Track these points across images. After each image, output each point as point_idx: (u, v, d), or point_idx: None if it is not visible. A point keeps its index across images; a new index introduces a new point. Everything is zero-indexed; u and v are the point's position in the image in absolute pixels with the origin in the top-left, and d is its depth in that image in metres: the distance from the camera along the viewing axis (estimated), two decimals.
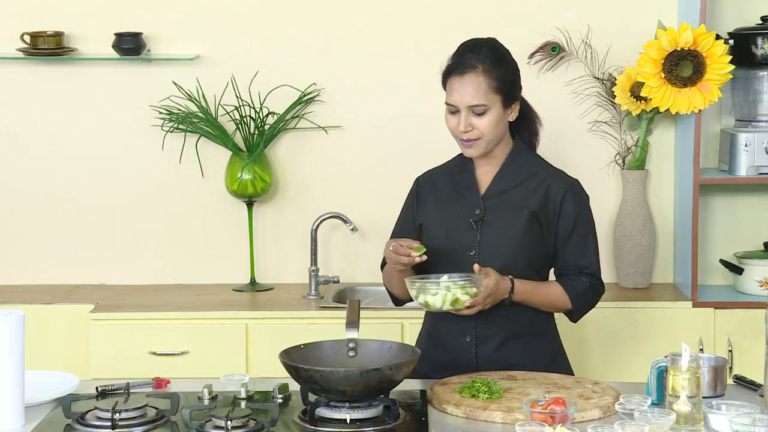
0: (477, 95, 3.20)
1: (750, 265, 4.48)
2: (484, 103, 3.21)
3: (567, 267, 3.31)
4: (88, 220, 4.70)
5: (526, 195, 3.28)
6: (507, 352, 3.25)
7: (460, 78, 3.21)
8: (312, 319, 4.27)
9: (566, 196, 3.28)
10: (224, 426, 2.70)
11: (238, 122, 4.60)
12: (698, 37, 4.29)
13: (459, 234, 3.27)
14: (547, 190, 3.28)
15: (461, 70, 3.22)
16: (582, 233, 3.30)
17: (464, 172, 3.35)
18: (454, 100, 3.22)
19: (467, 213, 3.28)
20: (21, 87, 4.66)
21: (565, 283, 3.29)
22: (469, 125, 3.22)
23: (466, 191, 3.32)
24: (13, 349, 2.75)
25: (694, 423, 2.70)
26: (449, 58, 3.28)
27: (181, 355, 4.25)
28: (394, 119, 4.66)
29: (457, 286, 3.07)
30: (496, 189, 3.30)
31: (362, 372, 2.77)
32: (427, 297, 3.09)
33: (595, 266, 3.32)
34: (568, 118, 4.65)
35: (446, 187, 3.36)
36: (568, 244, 3.29)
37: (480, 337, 3.25)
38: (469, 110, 3.21)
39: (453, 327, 3.26)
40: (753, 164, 4.43)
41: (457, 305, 3.08)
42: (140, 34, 4.57)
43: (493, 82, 3.22)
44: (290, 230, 4.71)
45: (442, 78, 3.28)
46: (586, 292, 3.31)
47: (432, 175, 3.42)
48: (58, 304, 4.39)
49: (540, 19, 4.61)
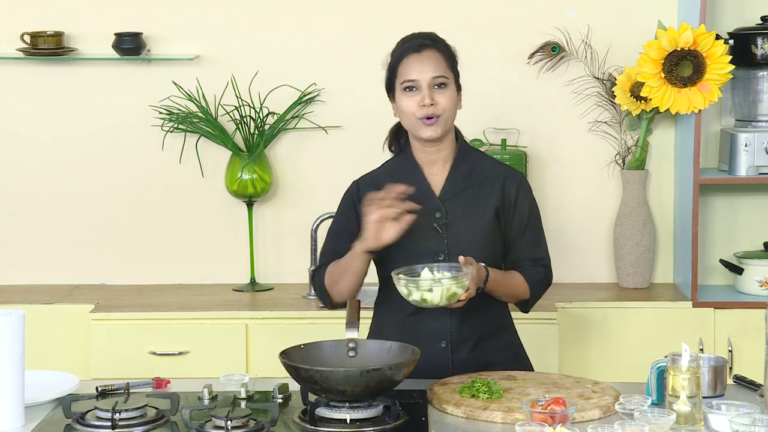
0: (438, 68, 3.21)
1: (750, 265, 4.48)
2: (446, 75, 3.21)
3: (522, 258, 3.31)
4: (88, 220, 4.70)
5: (485, 193, 3.27)
6: (479, 352, 3.25)
7: (419, 54, 3.22)
8: (312, 319, 4.27)
9: (520, 190, 3.30)
10: (224, 426, 2.70)
11: (238, 122, 4.60)
12: (698, 37, 4.29)
13: (424, 239, 3.22)
14: (503, 186, 3.29)
15: (417, 48, 3.22)
16: (534, 225, 3.32)
17: (412, 176, 3.28)
18: (414, 75, 3.20)
19: (427, 217, 3.22)
20: (21, 87, 4.66)
21: (524, 272, 3.30)
22: (432, 99, 3.19)
23: (419, 195, 3.23)
24: (13, 349, 2.75)
25: (694, 423, 2.70)
26: (394, 50, 3.28)
27: (181, 355, 4.25)
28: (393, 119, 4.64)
29: (453, 281, 3.03)
30: (452, 189, 3.28)
31: (362, 372, 2.76)
32: (424, 293, 3.03)
33: (547, 257, 3.35)
34: (568, 118, 4.65)
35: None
36: (523, 237, 3.30)
37: (455, 341, 3.24)
38: (430, 85, 3.20)
39: (426, 334, 3.21)
40: (753, 164, 4.43)
41: (452, 300, 3.06)
42: (140, 34, 4.57)
43: (449, 61, 3.24)
44: (290, 230, 4.71)
45: (391, 67, 3.27)
46: (541, 282, 3.33)
47: (373, 179, 3.33)
48: (58, 304, 4.40)
49: (540, 19, 4.61)
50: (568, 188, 4.68)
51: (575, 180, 4.68)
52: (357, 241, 3.18)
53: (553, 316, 4.23)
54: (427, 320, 3.20)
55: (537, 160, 4.66)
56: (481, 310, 3.24)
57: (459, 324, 3.22)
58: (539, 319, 4.18)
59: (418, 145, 3.30)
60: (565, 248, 4.64)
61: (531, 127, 4.64)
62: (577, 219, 4.69)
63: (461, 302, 3.06)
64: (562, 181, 4.68)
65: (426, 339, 3.20)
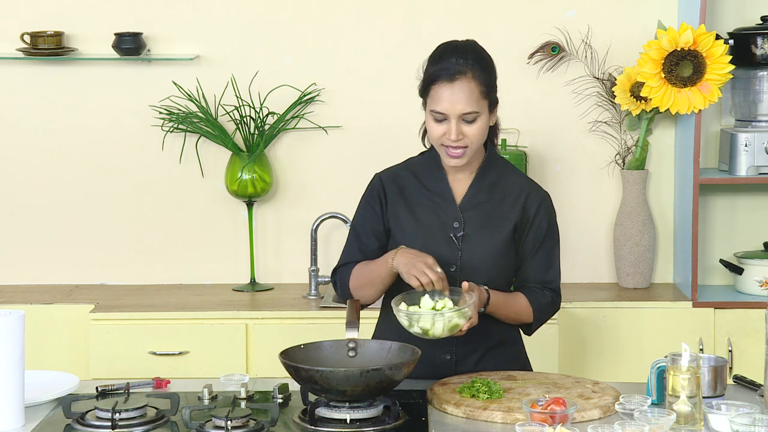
0: (470, 102, 3.06)
1: (750, 265, 4.48)
2: (476, 110, 3.07)
3: (530, 279, 3.22)
4: (88, 220, 4.70)
5: (506, 208, 3.18)
6: (484, 365, 3.19)
7: (450, 85, 3.06)
8: (312, 319, 4.27)
9: (540, 208, 3.20)
10: (224, 426, 2.70)
11: (238, 122, 4.60)
12: (698, 37, 4.29)
13: (437, 248, 3.13)
14: (525, 202, 3.19)
15: (450, 76, 3.07)
16: (549, 247, 3.22)
17: (436, 179, 3.20)
18: (444, 108, 3.06)
19: (444, 225, 3.16)
20: (21, 87, 4.66)
21: (529, 295, 3.21)
22: (460, 133, 3.08)
23: (440, 200, 3.18)
24: (13, 349, 2.75)
25: (694, 423, 2.70)
26: (430, 63, 3.13)
27: (181, 355, 4.25)
28: (394, 119, 4.65)
29: (455, 313, 2.95)
30: (474, 200, 3.19)
31: (362, 372, 2.76)
32: (426, 326, 2.96)
33: (557, 281, 3.24)
34: (568, 118, 4.65)
35: (416, 192, 3.21)
36: (535, 256, 3.21)
37: (460, 354, 3.19)
38: (460, 118, 3.07)
39: (431, 346, 3.11)
40: (753, 164, 4.43)
41: (454, 330, 2.98)
42: (140, 34, 4.57)
43: (483, 88, 3.09)
44: (290, 230, 4.71)
45: (424, 84, 3.12)
46: (548, 307, 3.24)
47: (395, 175, 3.25)
48: (58, 304, 4.40)
49: (540, 19, 4.61)
50: (568, 188, 4.68)
51: (575, 180, 4.68)
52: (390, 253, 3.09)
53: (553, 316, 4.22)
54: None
55: (537, 160, 4.66)
56: (489, 326, 3.18)
57: (465, 337, 3.12)
58: None
59: None
60: (565, 248, 4.62)
61: (531, 127, 4.64)
62: (577, 219, 4.69)
63: (463, 332, 3.00)
64: (562, 181, 4.68)
65: (430, 350, 3.13)
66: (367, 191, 3.26)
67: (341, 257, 3.28)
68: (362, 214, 3.25)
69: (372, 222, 3.23)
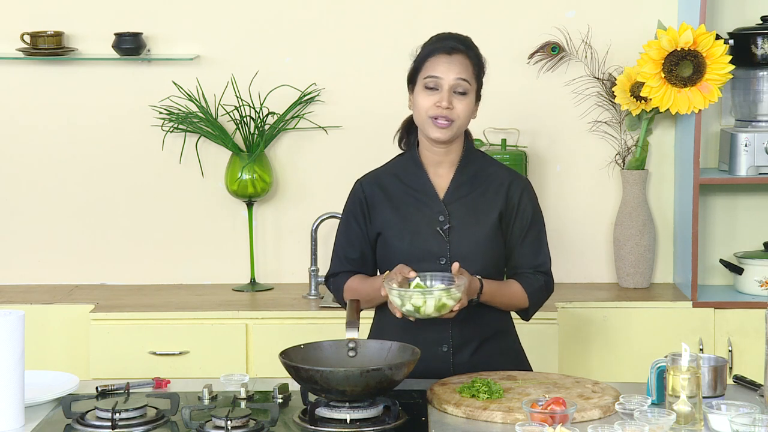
0: (464, 71, 3.19)
1: (750, 265, 4.48)
2: (469, 81, 3.20)
3: (522, 265, 3.29)
4: (88, 220, 4.70)
5: (489, 197, 3.25)
6: (480, 356, 3.23)
7: (448, 56, 3.19)
8: (312, 319, 4.27)
9: (523, 195, 3.28)
10: (224, 426, 2.70)
11: (238, 122, 4.60)
12: (698, 37, 4.29)
13: (426, 242, 3.21)
14: (507, 191, 3.26)
15: (448, 50, 3.20)
16: (536, 231, 3.29)
17: (417, 177, 3.28)
18: (440, 72, 3.18)
19: (430, 220, 3.23)
20: (21, 87, 4.66)
21: (522, 281, 3.27)
22: (450, 104, 3.18)
23: (423, 196, 3.25)
24: (13, 349, 2.75)
25: (694, 423, 2.70)
26: (427, 44, 3.25)
27: (181, 355, 4.25)
28: (394, 119, 4.64)
29: (444, 293, 3.00)
30: (457, 193, 3.26)
31: (362, 372, 2.76)
32: (416, 303, 3.00)
33: (548, 264, 3.31)
34: (568, 118, 4.65)
35: (399, 192, 3.28)
36: (524, 243, 3.28)
37: (456, 345, 3.23)
38: (451, 88, 3.17)
39: (428, 338, 3.19)
40: (753, 164, 4.43)
41: (443, 311, 3.03)
42: (140, 34, 4.57)
43: (476, 70, 3.23)
44: (290, 230, 4.71)
45: (419, 60, 3.23)
46: (541, 290, 3.30)
47: (376, 178, 3.33)
48: (58, 304, 4.40)
49: (540, 19, 4.61)
50: (568, 188, 4.68)
51: (575, 180, 4.68)
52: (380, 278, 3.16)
53: (553, 316, 4.23)
54: (429, 324, 3.17)
55: (537, 160, 4.66)
56: (483, 314, 3.23)
57: (460, 328, 3.21)
58: (539, 320, 4.16)
59: (426, 143, 3.28)
60: (565, 248, 4.65)
61: (531, 127, 4.65)
62: (577, 219, 4.69)
63: (453, 313, 3.05)
64: (562, 181, 4.68)
65: (427, 343, 3.18)
66: (348, 200, 3.35)
67: (330, 266, 3.36)
68: (346, 223, 3.33)
69: (352, 234, 3.31)
